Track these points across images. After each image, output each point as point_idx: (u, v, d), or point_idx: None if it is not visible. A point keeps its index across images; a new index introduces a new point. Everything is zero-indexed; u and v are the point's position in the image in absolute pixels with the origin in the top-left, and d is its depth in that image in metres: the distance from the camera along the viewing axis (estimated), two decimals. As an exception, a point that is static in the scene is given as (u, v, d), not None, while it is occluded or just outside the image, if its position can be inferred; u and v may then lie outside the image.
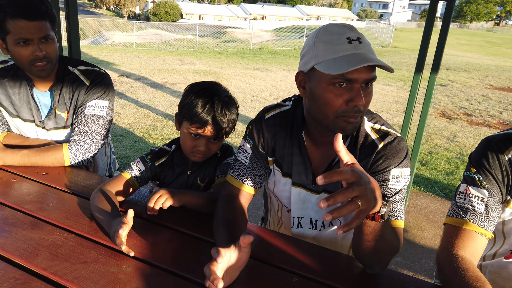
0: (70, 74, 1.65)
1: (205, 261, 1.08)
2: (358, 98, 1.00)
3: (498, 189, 1.06)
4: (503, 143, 1.07)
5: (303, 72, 1.10)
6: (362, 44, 1.02)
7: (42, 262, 1.03)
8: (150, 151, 1.47)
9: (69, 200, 1.37)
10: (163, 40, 21.18)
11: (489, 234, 1.05)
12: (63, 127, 1.70)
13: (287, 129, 1.24)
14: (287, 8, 67.37)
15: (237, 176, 1.28)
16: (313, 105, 1.09)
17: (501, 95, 9.93)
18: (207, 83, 1.40)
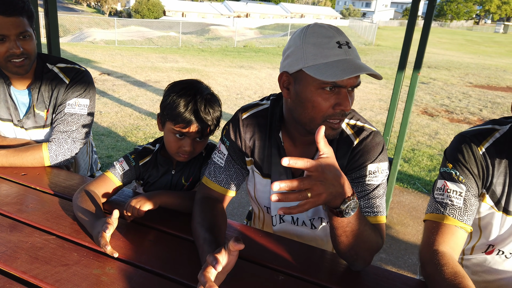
0: (49, 71, 1.61)
1: (188, 261, 1.08)
2: (346, 102, 1.01)
3: (474, 183, 1.08)
4: (477, 138, 1.10)
5: (287, 73, 1.08)
6: (351, 50, 1.02)
7: (22, 266, 1.00)
8: (134, 150, 1.45)
9: (49, 201, 1.34)
10: (146, 37, 20.91)
11: (469, 228, 1.07)
12: (42, 126, 1.66)
13: (265, 129, 1.22)
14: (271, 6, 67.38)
15: (213, 178, 1.26)
16: (298, 107, 1.08)
17: (481, 92, 10.15)
18: (188, 81, 1.37)
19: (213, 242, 1.03)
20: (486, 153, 1.07)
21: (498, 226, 1.12)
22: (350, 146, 1.13)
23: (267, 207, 1.34)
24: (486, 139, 1.09)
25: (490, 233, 1.15)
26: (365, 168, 1.11)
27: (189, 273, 1.02)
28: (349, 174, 1.13)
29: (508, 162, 1.07)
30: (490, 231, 1.14)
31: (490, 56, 22.16)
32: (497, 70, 15.24)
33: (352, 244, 0.98)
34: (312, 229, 1.31)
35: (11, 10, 1.37)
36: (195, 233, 1.14)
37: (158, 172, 1.43)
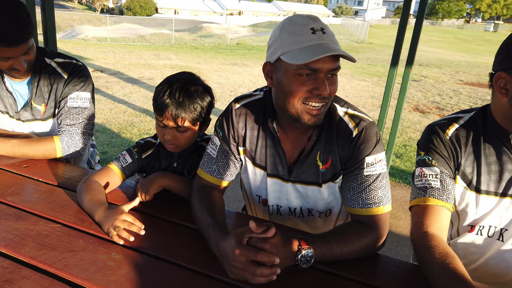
0: (47, 66, 1.63)
1: (189, 246, 1.12)
2: (323, 87, 1.05)
3: (447, 165, 1.17)
4: (443, 125, 1.19)
5: (270, 62, 1.13)
6: (325, 35, 1.05)
7: (30, 252, 1.03)
8: (137, 143, 1.48)
9: (53, 192, 1.37)
10: (138, 34, 20.78)
11: (450, 206, 1.15)
12: (40, 119, 1.68)
13: (259, 120, 1.25)
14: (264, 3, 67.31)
15: (205, 169, 1.30)
16: (279, 94, 1.12)
17: (471, 90, 10.29)
18: (177, 73, 1.40)
19: (216, 225, 1.08)
20: (452, 137, 1.17)
21: (474, 206, 1.19)
22: (350, 137, 1.17)
23: (259, 196, 1.37)
24: (451, 125, 1.19)
25: (467, 214, 1.21)
26: (363, 161, 1.15)
27: (190, 257, 1.07)
28: (348, 166, 1.18)
29: (475, 144, 1.15)
30: (467, 212, 1.21)
31: (480, 54, 22.41)
32: (487, 68, 15.42)
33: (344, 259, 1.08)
34: (309, 216, 1.35)
35: (17, 42, 1.40)
36: (197, 221, 1.18)
37: (160, 165, 1.46)
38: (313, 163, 1.21)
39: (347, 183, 1.19)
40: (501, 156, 1.13)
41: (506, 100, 1.07)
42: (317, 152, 1.20)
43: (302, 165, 1.22)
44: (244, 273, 0.95)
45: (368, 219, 1.15)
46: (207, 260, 1.06)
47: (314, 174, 1.22)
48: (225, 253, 0.99)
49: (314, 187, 1.24)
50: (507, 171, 1.13)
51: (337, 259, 1.07)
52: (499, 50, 1.10)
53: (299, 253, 1.01)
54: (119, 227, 1.12)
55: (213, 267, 1.03)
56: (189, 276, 1.00)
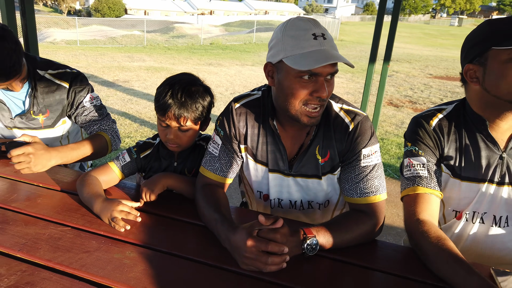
0: (42, 78, 1.64)
1: (197, 241, 1.17)
2: (322, 89, 1.12)
3: (432, 154, 1.26)
4: (427, 117, 1.29)
5: (271, 63, 1.19)
6: (326, 40, 1.12)
7: (45, 254, 1.05)
8: (136, 143, 1.51)
9: (55, 196, 1.38)
10: (109, 36, 20.38)
11: (438, 193, 1.23)
12: (39, 127, 1.68)
13: (259, 118, 1.31)
14: (235, 3, 67.24)
15: (208, 167, 1.35)
16: (280, 94, 1.19)
17: (441, 83, 10.68)
18: (177, 74, 1.44)
19: (225, 220, 1.13)
20: (436, 127, 1.26)
21: (457, 192, 1.28)
22: (346, 131, 1.24)
23: (260, 192, 1.43)
24: (435, 115, 1.28)
25: (451, 200, 1.31)
26: (360, 153, 1.23)
27: (201, 251, 1.12)
28: (346, 159, 1.26)
29: (457, 133, 1.25)
30: (450, 197, 1.30)
31: (447, 48, 23.21)
32: (454, 61, 16.02)
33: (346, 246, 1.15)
34: (308, 209, 1.42)
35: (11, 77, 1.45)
36: (204, 218, 1.23)
37: (160, 164, 1.49)
38: (313, 157, 1.28)
39: (345, 174, 1.26)
40: (478, 143, 1.23)
41: (478, 87, 1.17)
42: (316, 146, 1.27)
43: (302, 160, 1.29)
44: (256, 263, 1.00)
45: (366, 207, 1.22)
46: (218, 254, 1.11)
47: (314, 168, 1.29)
48: (237, 246, 1.04)
49: (314, 180, 1.31)
50: (484, 158, 1.23)
51: (340, 246, 1.14)
52: (462, 48, 1.22)
53: (305, 241, 1.07)
54: (116, 217, 1.18)
55: (224, 260, 1.08)
56: (202, 269, 1.05)
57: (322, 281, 1.04)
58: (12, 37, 1.41)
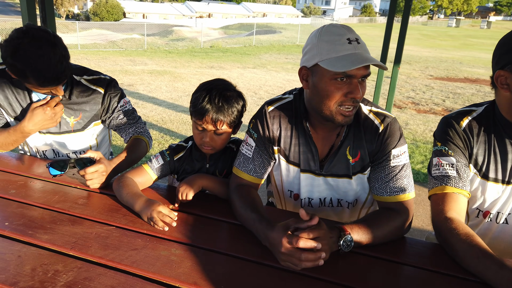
0: (78, 83, 1.71)
1: (238, 239, 1.22)
2: (356, 91, 1.18)
3: (462, 154, 1.29)
4: (457, 117, 1.32)
5: (306, 67, 1.25)
6: (360, 45, 1.19)
7: (97, 252, 1.10)
8: (169, 147, 1.57)
9: (93, 197, 1.43)
10: (109, 40, 20.47)
11: (466, 193, 1.28)
12: (68, 131, 1.74)
13: (291, 120, 1.37)
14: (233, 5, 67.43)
15: (242, 168, 1.41)
16: (315, 96, 1.25)
17: (442, 84, 10.76)
18: (212, 80, 1.51)
19: (262, 219, 1.18)
20: (466, 128, 1.30)
21: (482, 191, 1.33)
22: (376, 132, 1.30)
23: (291, 191, 1.49)
24: (465, 116, 1.31)
25: (476, 198, 1.35)
26: (389, 153, 1.29)
27: (242, 248, 1.17)
28: (376, 159, 1.31)
29: (486, 135, 1.29)
30: (476, 197, 1.35)
31: (445, 49, 23.34)
32: (454, 62, 16.14)
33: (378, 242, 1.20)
34: (338, 207, 1.47)
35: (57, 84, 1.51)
36: (241, 217, 1.28)
37: (194, 167, 1.55)
38: (343, 157, 1.34)
39: (375, 174, 1.32)
40: (506, 146, 1.27)
41: (509, 93, 1.19)
42: (347, 147, 1.33)
43: (333, 160, 1.35)
44: (292, 259, 1.05)
45: (396, 205, 1.28)
46: (260, 251, 1.16)
47: (345, 167, 1.35)
48: (274, 243, 1.09)
49: (345, 179, 1.37)
50: (510, 161, 1.27)
51: (373, 243, 1.19)
52: (494, 53, 1.23)
53: (341, 239, 1.12)
54: (155, 217, 1.24)
55: (266, 256, 1.13)
56: (246, 265, 1.10)
57: (356, 276, 1.09)
58: (62, 44, 1.47)
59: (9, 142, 1.66)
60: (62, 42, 1.48)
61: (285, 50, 19.59)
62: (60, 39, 1.48)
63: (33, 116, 1.57)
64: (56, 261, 1.05)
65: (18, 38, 1.39)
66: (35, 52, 1.40)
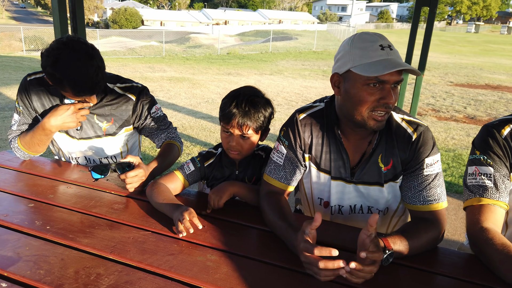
0: (112, 91, 1.77)
1: (270, 246, 1.23)
2: (389, 96, 1.19)
3: (502, 164, 1.26)
4: (498, 126, 1.29)
5: (338, 73, 1.27)
6: (392, 51, 1.20)
7: (135, 256, 1.13)
8: (199, 153, 1.61)
9: (127, 202, 1.47)
10: (128, 47, 20.86)
11: (503, 204, 1.25)
12: (100, 136, 1.79)
13: (323, 128, 1.39)
14: (249, 12, 67.94)
15: (273, 175, 1.42)
16: (347, 102, 1.26)
17: (462, 91, 10.59)
18: (241, 87, 1.55)
19: (290, 227, 1.20)
20: (507, 137, 1.26)
21: None
22: (409, 141, 1.30)
23: (321, 199, 1.49)
24: (507, 125, 1.28)
25: None
26: (423, 162, 1.29)
27: (273, 255, 1.18)
28: (408, 167, 1.31)
29: None
30: None
31: (465, 55, 22.98)
32: (474, 68, 15.87)
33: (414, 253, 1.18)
34: (368, 214, 1.47)
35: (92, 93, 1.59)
36: (271, 224, 1.30)
37: (223, 173, 1.58)
38: (375, 165, 1.34)
39: (408, 183, 1.32)
40: None
41: None
42: (379, 155, 1.33)
43: (365, 167, 1.35)
44: (312, 268, 1.03)
45: (430, 214, 1.27)
46: (291, 258, 1.16)
47: (377, 175, 1.35)
48: (297, 251, 1.10)
49: (376, 187, 1.37)
50: None
51: (410, 254, 1.17)
52: None
53: (383, 254, 1.09)
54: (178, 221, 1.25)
55: (297, 262, 1.14)
56: (280, 271, 1.11)
57: (390, 285, 1.09)
58: (99, 55, 1.53)
59: (36, 143, 1.71)
60: (99, 54, 1.54)
61: (301, 56, 19.62)
62: (97, 51, 1.54)
63: (55, 111, 1.62)
64: (98, 265, 1.09)
65: (58, 48, 1.45)
66: (74, 63, 1.46)
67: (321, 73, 13.82)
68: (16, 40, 26.85)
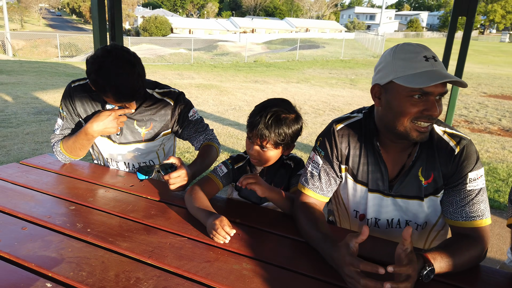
0: (151, 96, 1.82)
1: (305, 257, 1.22)
2: (434, 108, 1.16)
3: None
4: None
5: (379, 84, 1.25)
6: (437, 62, 1.17)
7: (173, 262, 1.15)
8: (230, 157, 1.66)
9: (163, 207, 1.49)
10: (158, 55, 21.35)
11: None
12: (139, 141, 1.83)
13: (360, 139, 1.37)
14: (276, 21, 68.28)
15: (308, 185, 1.41)
16: (388, 114, 1.23)
17: (497, 102, 10.24)
18: (275, 98, 1.55)
19: (327, 239, 1.18)
20: None
21: None
22: (451, 155, 1.26)
23: (356, 211, 1.47)
24: None
25: None
26: (466, 176, 1.25)
27: (311, 266, 1.17)
28: (450, 182, 1.27)
29: None
30: None
31: (499, 65, 22.25)
32: (509, 79, 15.33)
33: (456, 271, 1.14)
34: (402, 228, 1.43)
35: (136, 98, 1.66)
36: (307, 235, 1.29)
37: None
38: (415, 178, 1.31)
39: (450, 197, 1.28)
40: None
41: None
42: (419, 168, 1.30)
43: (404, 180, 1.32)
44: (354, 283, 1.02)
45: (472, 231, 1.23)
46: (326, 269, 1.15)
47: (416, 189, 1.32)
48: (338, 264, 1.08)
49: (415, 201, 1.34)
50: None
51: (451, 271, 1.14)
52: None
53: (424, 270, 1.07)
54: (212, 230, 1.25)
55: (334, 275, 1.12)
56: (318, 284, 1.10)
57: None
58: (140, 63, 1.58)
59: (77, 147, 1.77)
60: (140, 62, 1.59)
61: (328, 65, 19.51)
62: (139, 59, 1.59)
63: (98, 117, 1.67)
64: (137, 269, 1.10)
65: (102, 56, 1.51)
66: (116, 71, 1.51)
67: (348, 81, 13.70)
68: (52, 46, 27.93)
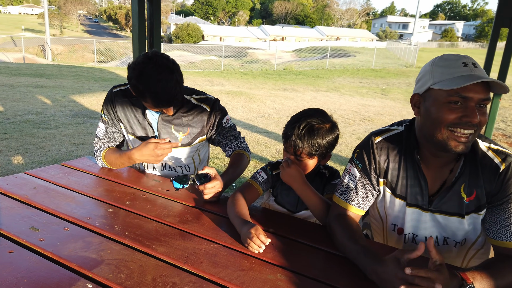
0: (188, 102, 1.86)
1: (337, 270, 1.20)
2: (473, 114, 1.12)
3: None
4: None
5: (418, 94, 1.23)
6: (477, 68, 1.14)
7: (208, 269, 1.16)
8: (268, 163, 1.68)
9: (198, 214, 1.51)
10: (189, 61, 21.77)
11: None
12: (177, 146, 1.87)
13: (400, 152, 1.34)
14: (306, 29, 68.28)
15: (344, 198, 1.40)
16: (427, 122, 1.20)
17: (537, 116, 9.80)
18: (310, 109, 1.57)
19: (368, 252, 1.16)
20: None
21: None
22: (496, 172, 1.22)
23: (395, 225, 1.43)
24: None
25: None
26: (511, 195, 1.20)
27: (348, 281, 1.15)
28: (495, 200, 1.23)
29: None
30: None
31: (539, 77, 21.30)
32: (550, 92, 14.64)
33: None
34: (444, 245, 1.39)
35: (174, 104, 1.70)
36: (343, 247, 1.27)
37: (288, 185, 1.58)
38: (457, 195, 1.27)
39: (493, 216, 1.23)
40: None
41: None
42: (461, 184, 1.26)
43: (445, 196, 1.28)
44: None
45: None
46: (363, 284, 1.13)
47: (457, 206, 1.27)
48: (386, 278, 1.05)
49: (456, 218, 1.29)
50: None
51: None
52: None
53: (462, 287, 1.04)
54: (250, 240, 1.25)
55: (371, 291, 1.10)
56: (353, 298, 1.08)
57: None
58: (179, 70, 1.63)
59: (118, 164, 1.87)
60: (179, 69, 1.63)
61: (359, 74, 19.29)
62: (178, 66, 1.63)
63: (143, 148, 1.71)
64: (173, 274, 1.12)
65: (143, 63, 1.56)
66: (156, 77, 1.55)
67: (379, 91, 13.48)
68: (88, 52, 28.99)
